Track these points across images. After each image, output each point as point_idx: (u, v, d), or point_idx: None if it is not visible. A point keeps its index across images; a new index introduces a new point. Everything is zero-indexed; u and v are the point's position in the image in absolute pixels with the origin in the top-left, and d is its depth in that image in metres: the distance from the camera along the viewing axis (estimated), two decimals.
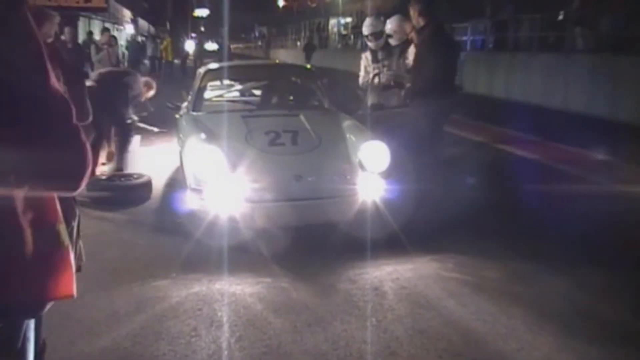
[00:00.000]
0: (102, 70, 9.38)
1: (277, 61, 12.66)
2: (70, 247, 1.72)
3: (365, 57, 7.43)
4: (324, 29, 46.61)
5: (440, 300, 4.32)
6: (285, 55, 46.40)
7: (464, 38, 19.56)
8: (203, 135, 5.69)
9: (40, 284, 1.62)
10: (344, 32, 41.00)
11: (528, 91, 15.70)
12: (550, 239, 5.51)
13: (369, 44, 7.48)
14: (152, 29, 35.07)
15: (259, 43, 41.75)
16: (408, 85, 6.73)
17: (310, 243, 5.24)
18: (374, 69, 7.33)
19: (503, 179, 7.56)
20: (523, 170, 8.52)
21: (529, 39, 17.34)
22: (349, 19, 42.03)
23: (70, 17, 16.11)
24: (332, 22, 45.79)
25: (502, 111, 14.13)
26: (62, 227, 1.70)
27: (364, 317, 4.08)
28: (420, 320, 4.02)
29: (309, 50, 34.51)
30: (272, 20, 65.30)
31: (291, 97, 7.55)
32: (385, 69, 7.23)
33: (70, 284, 1.71)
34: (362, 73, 7.47)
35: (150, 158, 8.85)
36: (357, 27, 34.59)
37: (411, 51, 6.92)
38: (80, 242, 3.72)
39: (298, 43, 49.65)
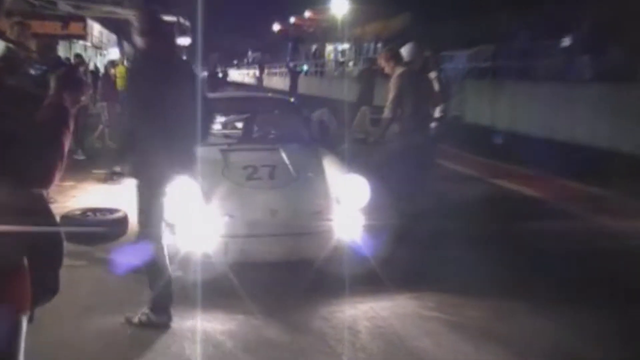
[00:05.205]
0: None
1: (269, 94, 12.57)
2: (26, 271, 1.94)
3: None
4: (320, 56, 46.19)
5: (415, 340, 4.25)
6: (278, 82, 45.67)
7: (460, 66, 19.55)
8: None
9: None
10: (341, 59, 40.35)
11: (533, 121, 15.34)
12: (536, 277, 5.43)
13: None
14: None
15: (256, 73, 40.53)
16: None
17: (285, 279, 5.16)
18: None
19: (489, 214, 7.45)
20: (511, 205, 8.45)
21: (533, 67, 17.19)
22: (346, 45, 41.33)
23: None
24: (329, 48, 45.23)
25: (499, 141, 13.96)
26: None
27: (335, 356, 4.02)
28: None
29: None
30: (266, 46, 64.95)
31: (272, 131, 7.47)
32: None
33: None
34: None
35: (127, 192, 8.78)
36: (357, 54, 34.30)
37: None
38: None
39: None
